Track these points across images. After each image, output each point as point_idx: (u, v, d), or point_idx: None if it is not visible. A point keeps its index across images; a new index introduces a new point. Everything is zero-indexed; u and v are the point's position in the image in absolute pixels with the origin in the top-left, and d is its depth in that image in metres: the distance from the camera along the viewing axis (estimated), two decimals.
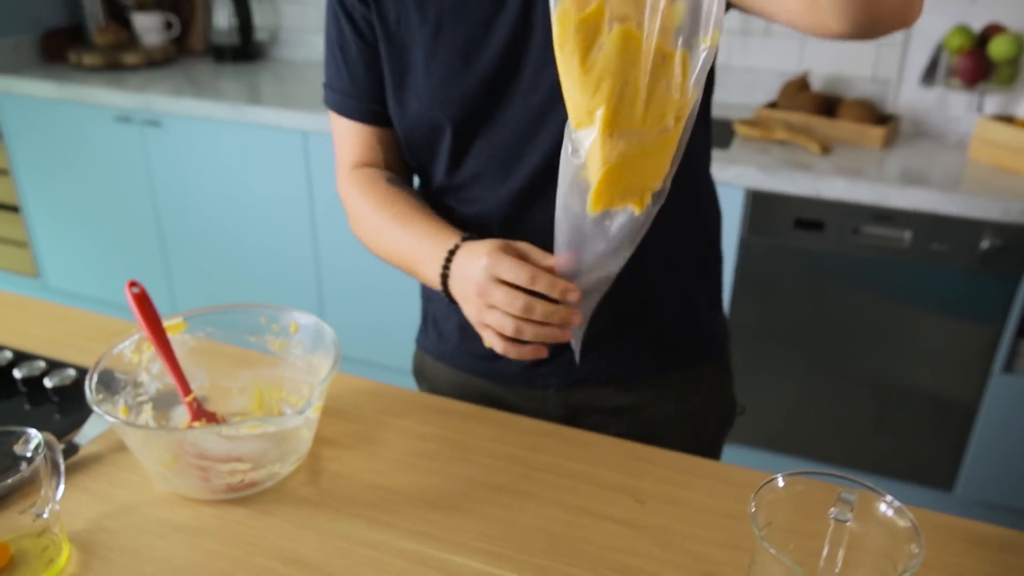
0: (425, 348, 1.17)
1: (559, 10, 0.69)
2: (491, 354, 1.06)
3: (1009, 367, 1.91)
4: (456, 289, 0.87)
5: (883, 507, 0.62)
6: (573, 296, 0.80)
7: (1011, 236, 1.78)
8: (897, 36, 2.22)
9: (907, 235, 1.86)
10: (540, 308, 0.79)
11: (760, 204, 1.94)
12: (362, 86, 0.99)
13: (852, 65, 2.31)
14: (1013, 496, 2.02)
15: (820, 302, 1.99)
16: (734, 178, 1.91)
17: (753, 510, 0.61)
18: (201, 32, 3.05)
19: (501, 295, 0.80)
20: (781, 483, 0.64)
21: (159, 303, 2.82)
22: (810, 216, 1.92)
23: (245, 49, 2.91)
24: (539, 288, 0.79)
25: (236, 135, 2.47)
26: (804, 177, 1.89)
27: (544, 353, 0.84)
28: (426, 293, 1.15)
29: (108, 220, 2.81)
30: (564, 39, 0.70)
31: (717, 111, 2.28)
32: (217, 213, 2.62)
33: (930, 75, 2.16)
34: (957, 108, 2.15)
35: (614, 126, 0.70)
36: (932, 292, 1.89)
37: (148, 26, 2.91)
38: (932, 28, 2.16)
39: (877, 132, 2.06)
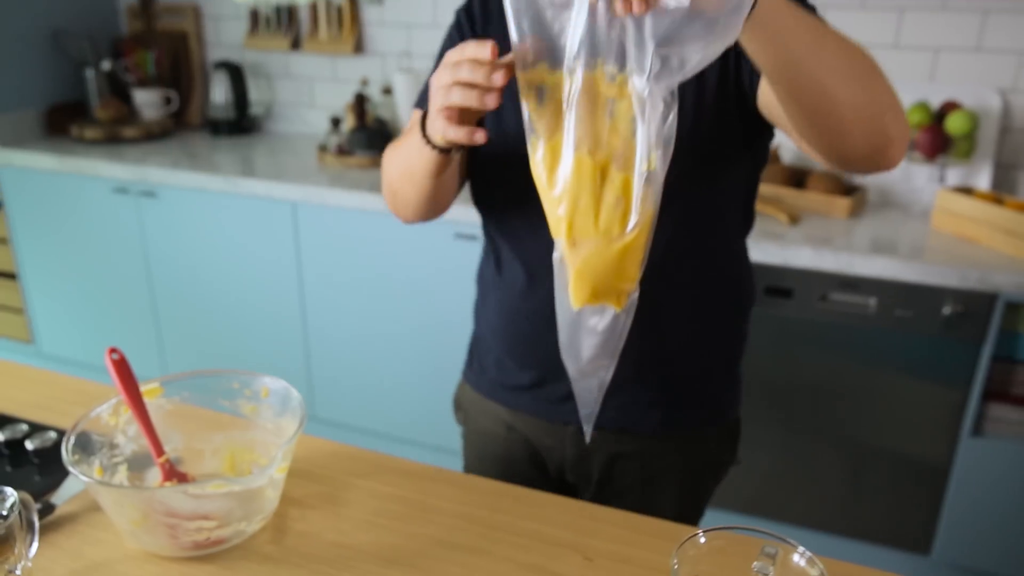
0: (468, 380, 1.31)
1: (532, 139, 0.81)
2: (523, 386, 1.19)
3: (977, 430, 1.95)
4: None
5: (796, 558, 0.66)
6: (499, 78, 0.81)
7: (970, 302, 1.84)
8: None
9: (872, 302, 1.92)
10: (466, 67, 0.82)
11: None
12: None
13: None
14: (989, 560, 2.04)
15: (792, 368, 2.04)
16: None
17: (675, 566, 0.66)
18: (199, 107, 3.16)
19: (441, 71, 0.84)
20: (703, 539, 0.68)
21: (149, 369, 2.87)
22: (779, 284, 1.98)
23: (240, 123, 3.02)
24: (468, 51, 0.82)
25: (229, 205, 2.55)
26: (773, 246, 1.96)
27: (481, 138, 0.85)
28: (476, 332, 1.28)
29: (102, 288, 2.87)
30: (535, 163, 0.82)
31: None
32: (208, 281, 2.68)
33: None
34: (920, 180, 2.24)
35: (573, 236, 0.81)
36: (899, 357, 1.94)
37: (148, 101, 3.02)
38: None
39: (843, 203, 2.14)
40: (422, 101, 1.20)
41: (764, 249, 1.96)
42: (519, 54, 0.80)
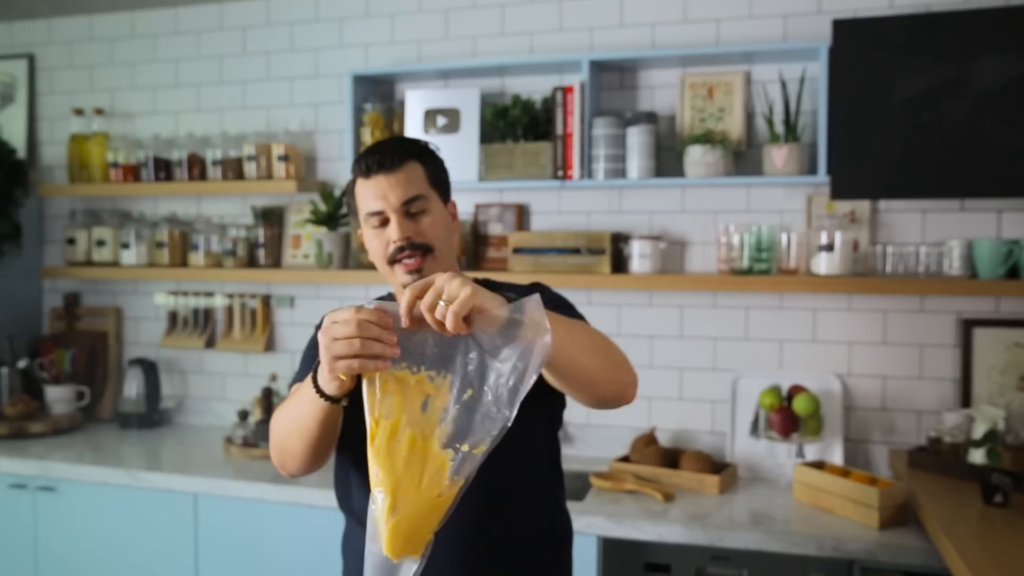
0: None
1: (383, 420, 1.09)
2: None
3: None
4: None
5: None
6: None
7: (831, 568, 1.97)
8: (727, 394, 2.58)
9: (745, 573, 2.03)
10: (349, 328, 1.12)
11: (612, 550, 2.11)
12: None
13: (693, 421, 2.64)
14: None
15: None
16: (586, 527, 2.10)
17: None
18: (110, 401, 3.26)
19: (341, 327, 1.13)
20: None
21: None
22: (657, 560, 2.09)
23: (151, 416, 3.11)
24: (336, 317, 1.14)
25: (129, 499, 2.57)
26: (648, 524, 2.09)
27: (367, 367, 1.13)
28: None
29: None
30: (373, 432, 1.09)
31: (577, 466, 2.53)
32: None
33: (755, 428, 2.49)
34: (782, 456, 2.45)
35: (396, 495, 1.08)
36: None
37: (60, 397, 3.11)
38: (752, 389, 2.53)
39: (713, 480, 2.32)
40: (296, 379, 1.50)
41: (640, 528, 2.09)
42: None
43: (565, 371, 1.22)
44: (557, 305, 1.49)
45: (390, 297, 1.59)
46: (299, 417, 1.32)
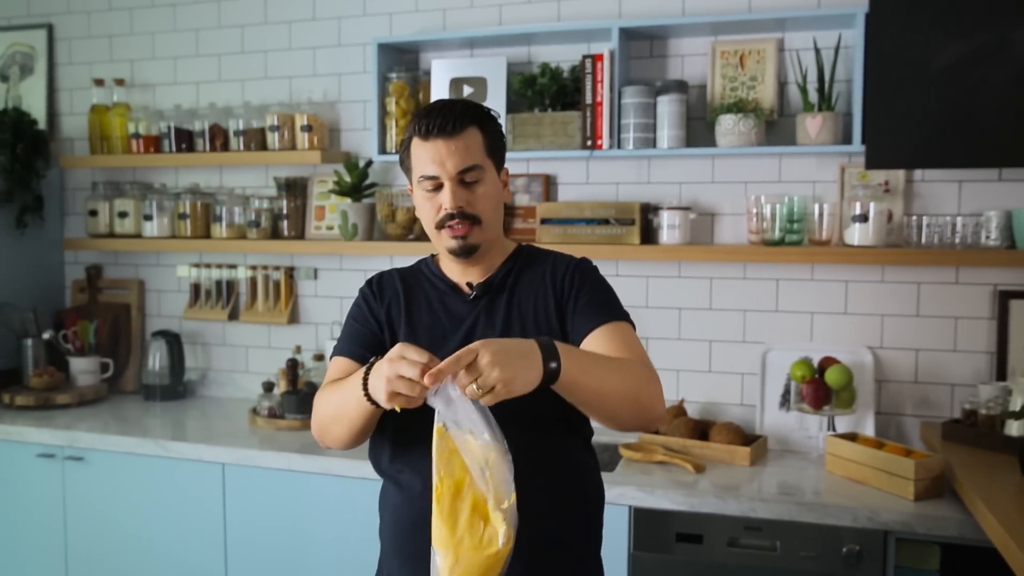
0: None
1: (447, 479, 1.20)
2: None
3: None
4: (372, 379, 1.28)
5: None
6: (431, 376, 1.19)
7: (865, 540, 1.96)
8: (756, 366, 2.55)
9: (778, 544, 2.02)
10: (405, 366, 1.20)
11: (643, 520, 2.10)
12: (361, 342, 1.50)
13: (722, 394, 2.62)
14: None
15: None
16: (617, 498, 2.09)
17: None
18: (134, 373, 3.26)
19: (391, 363, 1.22)
20: None
21: None
22: (689, 530, 2.08)
23: (174, 388, 3.11)
24: (408, 354, 1.21)
25: (157, 469, 2.58)
26: (680, 495, 2.08)
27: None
28: (381, 549, 1.53)
29: (11, 554, 2.77)
30: (439, 492, 1.19)
31: (606, 437, 2.51)
32: (130, 545, 2.63)
33: (785, 400, 2.47)
34: (813, 428, 2.43)
35: (456, 556, 1.19)
36: None
37: (84, 369, 3.11)
38: (782, 361, 2.51)
39: (744, 451, 2.30)
40: (340, 349, 1.52)
41: (672, 498, 2.08)
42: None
43: (588, 406, 1.34)
44: (594, 294, 1.50)
45: (432, 261, 1.58)
46: (345, 409, 1.38)
